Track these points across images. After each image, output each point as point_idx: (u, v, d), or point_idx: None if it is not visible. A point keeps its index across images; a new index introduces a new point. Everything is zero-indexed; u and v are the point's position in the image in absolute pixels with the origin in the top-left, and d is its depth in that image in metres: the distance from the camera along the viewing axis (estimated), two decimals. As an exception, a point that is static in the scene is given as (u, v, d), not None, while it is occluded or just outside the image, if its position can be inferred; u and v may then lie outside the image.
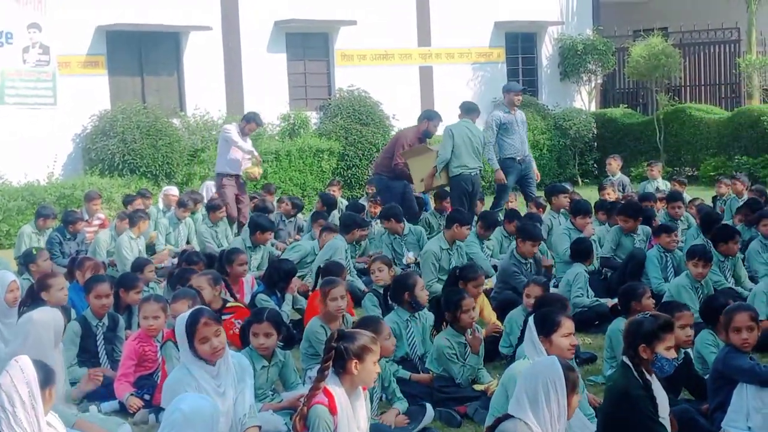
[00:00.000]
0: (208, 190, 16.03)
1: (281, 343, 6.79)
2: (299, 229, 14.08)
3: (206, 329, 5.50)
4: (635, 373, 5.28)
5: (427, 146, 13.68)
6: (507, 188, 13.99)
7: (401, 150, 13.59)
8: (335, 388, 5.10)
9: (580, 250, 9.68)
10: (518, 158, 14.00)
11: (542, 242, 10.50)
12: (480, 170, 13.47)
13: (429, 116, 14.00)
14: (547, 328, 5.76)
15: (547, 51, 24.02)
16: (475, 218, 12.14)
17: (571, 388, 4.72)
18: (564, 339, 5.75)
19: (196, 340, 5.51)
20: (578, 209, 11.17)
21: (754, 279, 9.92)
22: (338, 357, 5.11)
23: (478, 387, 7.04)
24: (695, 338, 6.94)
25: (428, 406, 6.59)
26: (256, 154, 14.80)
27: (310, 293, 9.26)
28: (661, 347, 5.31)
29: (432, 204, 14.45)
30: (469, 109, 13.61)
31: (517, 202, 14.84)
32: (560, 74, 23.93)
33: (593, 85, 24.28)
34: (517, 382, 4.84)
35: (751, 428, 5.75)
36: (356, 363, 5.11)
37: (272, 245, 12.24)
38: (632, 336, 5.35)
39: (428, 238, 12.11)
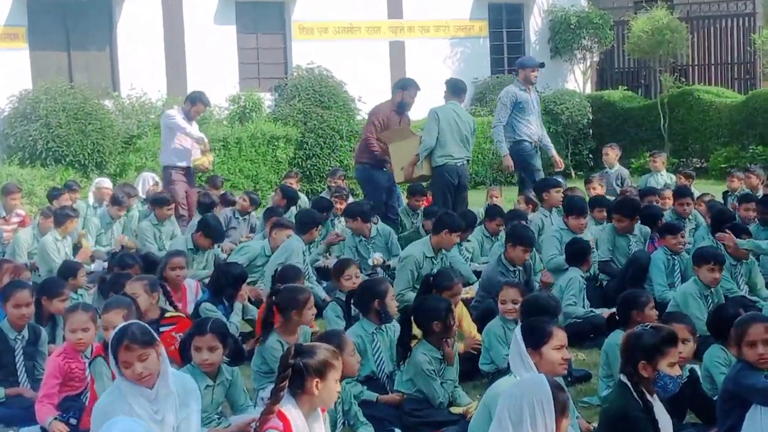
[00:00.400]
0: (144, 182, 15.93)
1: (228, 359, 6.76)
2: (251, 229, 14.00)
3: (127, 354, 5.39)
4: (634, 394, 5.30)
5: (411, 130, 13.60)
6: (538, 171, 13.88)
7: (374, 126, 13.48)
8: (291, 410, 5.09)
9: (576, 252, 9.64)
10: (534, 141, 13.91)
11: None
12: (467, 160, 13.44)
13: (403, 85, 13.89)
14: (535, 339, 5.76)
15: (535, 24, 24.11)
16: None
17: (561, 410, 4.73)
18: (555, 352, 5.76)
19: (119, 363, 5.44)
20: (572, 207, 11.02)
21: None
22: (296, 375, 5.11)
23: (455, 410, 7.03)
24: (704, 354, 7.00)
25: (397, 431, 6.59)
26: (206, 140, 14.61)
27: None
28: (664, 363, 5.33)
29: (404, 200, 14.41)
30: (456, 89, 13.43)
31: (501, 198, 14.87)
32: (551, 51, 24.01)
33: (588, 64, 24.40)
34: (500, 402, 4.83)
35: (766, 455, 5.79)
36: (317, 381, 5.11)
37: (218, 246, 12.16)
38: (631, 351, 5.38)
39: (399, 239, 12.11)
